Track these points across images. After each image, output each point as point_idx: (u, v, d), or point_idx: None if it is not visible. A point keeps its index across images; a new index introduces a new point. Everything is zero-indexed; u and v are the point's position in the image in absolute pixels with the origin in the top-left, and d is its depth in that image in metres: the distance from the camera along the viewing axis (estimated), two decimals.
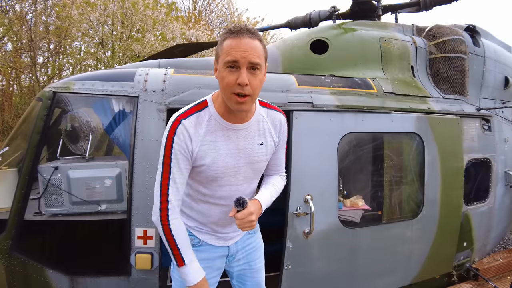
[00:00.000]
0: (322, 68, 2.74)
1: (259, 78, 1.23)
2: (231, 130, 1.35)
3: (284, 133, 1.52)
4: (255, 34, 1.22)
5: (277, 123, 1.48)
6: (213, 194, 1.41)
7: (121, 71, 2.44)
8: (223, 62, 1.20)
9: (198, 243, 1.49)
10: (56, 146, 2.31)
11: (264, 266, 1.69)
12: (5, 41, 9.39)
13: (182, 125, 1.28)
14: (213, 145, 1.33)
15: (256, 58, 1.19)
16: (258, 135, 1.41)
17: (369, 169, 2.64)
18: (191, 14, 15.14)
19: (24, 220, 2.09)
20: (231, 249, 1.56)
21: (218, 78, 1.26)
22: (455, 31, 3.00)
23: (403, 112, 2.57)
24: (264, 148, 1.43)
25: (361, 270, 2.46)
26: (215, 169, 1.34)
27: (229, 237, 1.54)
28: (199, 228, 1.50)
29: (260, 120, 1.42)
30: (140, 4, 10.05)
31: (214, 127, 1.33)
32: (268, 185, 1.54)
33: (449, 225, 2.74)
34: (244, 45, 1.18)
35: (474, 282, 2.93)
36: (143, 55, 9.94)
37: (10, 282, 2.08)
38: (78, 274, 2.13)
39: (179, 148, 1.29)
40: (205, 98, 1.37)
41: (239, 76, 1.18)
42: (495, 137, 3.14)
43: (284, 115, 1.52)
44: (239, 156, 1.37)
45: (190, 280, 1.34)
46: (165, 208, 1.31)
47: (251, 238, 1.63)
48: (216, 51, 1.28)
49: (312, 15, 3.67)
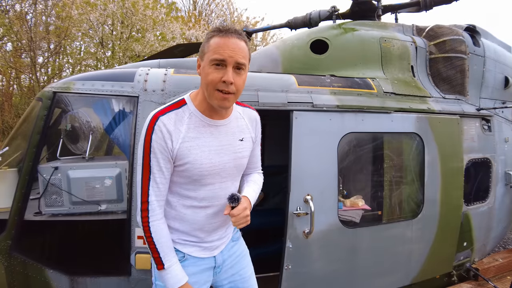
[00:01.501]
0: (322, 68, 2.74)
1: (243, 78, 1.26)
2: (212, 126, 1.33)
3: (259, 130, 1.54)
4: (242, 36, 1.24)
5: (253, 120, 1.51)
6: (197, 195, 1.35)
7: (121, 71, 2.44)
8: (210, 59, 1.21)
9: (182, 258, 1.40)
10: (56, 146, 2.31)
11: (254, 272, 1.63)
12: (5, 41, 9.39)
13: (161, 121, 1.24)
14: (196, 141, 1.29)
15: (242, 58, 1.22)
16: (238, 131, 1.42)
17: (369, 169, 2.64)
18: (191, 14, 15.15)
19: (24, 220, 2.09)
20: (218, 260, 1.48)
21: (202, 74, 1.26)
22: (455, 31, 3.00)
23: (403, 112, 2.57)
24: (245, 144, 1.44)
25: (361, 270, 2.46)
26: (199, 167, 1.29)
27: (214, 246, 1.46)
28: (182, 240, 1.40)
29: (238, 117, 1.44)
30: (140, 4, 10.05)
31: (195, 123, 1.30)
32: (250, 182, 1.55)
33: (449, 225, 2.74)
34: (232, 45, 1.20)
35: (474, 282, 2.93)
36: (143, 55, 9.95)
37: (10, 282, 2.08)
38: (78, 274, 2.12)
39: (158, 146, 1.24)
40: (183, 97, 1.35)
41: (225, 74, 1.20)
42: (495, 137, 3.14)
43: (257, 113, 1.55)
44: (223, 152, 1.35)
45: (171, 284, 1.29)
46: (145, 209, 1.27)
47: (235, 246, 1.57)
48: (201, 48, 1.28)
49: (312, 15, 3.67)
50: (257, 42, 15.20)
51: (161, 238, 1.29)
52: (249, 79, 2.43)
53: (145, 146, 1.25)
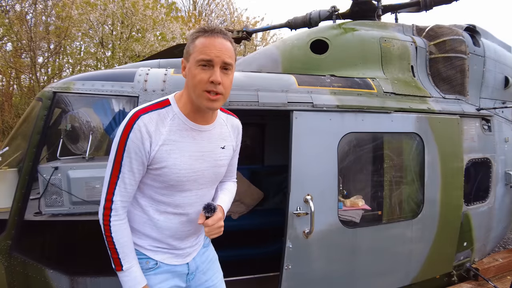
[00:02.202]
0: (322, 68, 2.74)
1: (230, 79, 1.24)
2: (195, 131, 1.28)
3: (240, 139, 1.51)
4: (228, 36, 1.23)
5: (236, 129, 1.48)
6: (172, 201, 1.30)
7: (121, 71, 2.44)
8: (196, 60, 1.18)
9: (155, 266, 1.34)
10: (56, 146, 2.31)
11: (223, 276, 1.61)
12: (5, 41, 9.40)
13: (141, 121, 1.18)
14: (176, 145, 1.24)
15: (229, 58, 1.19)
16: (221, 139, 1.38)
17: (369, 169, 2.64)
18: (191, 14, 15.15)
19: (24, 220, 2.09)
20: (191, 266, 1.45)
21: (188, 76, 1.23)
22: (455, 31, 3.00)
23: (403, 112, 2.57)
24: (226, 152, 1.40)
25: (361, 270, 2.46)
26: (177, 172, 1.24)
27: (186, 253, 1.43)
28: (154, 247, 1.35)
29: (222, 124, 1.40)
30: (140, 4, 10.06)
31: (178, 126, 1.25)
32: (225, 191, 1.52)
33: (449, 225, 2.74)
34: (218, 45, 1.18)
35: (474, 282, 2.93)
36: (143, 55, 9.95)
37: (10, 282, 2.07)
38: (78, 274, 2.13)
39: (133, 147, 1.18)
40: (167, 97, 1.31)
41: (212, 74, 1.17)
42: (495, 137, 3.14)
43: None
44: (203, 159, 1.31)
45: (129, 287, 1.24)
46: (108, 208, 1.22)
47: (206, 252, 1.56)
48: (186, 49, 1.24)
49: (312, 15, 3.67)
50: (257, 42, 15.20)
51: (121, 239, 1.24)
52: (249, 79, 2.45)
53: (120, 143, 1.19)
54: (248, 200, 4.04)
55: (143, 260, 1.33)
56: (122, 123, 1.21)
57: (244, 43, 12.23)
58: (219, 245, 1.82)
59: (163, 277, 1.36)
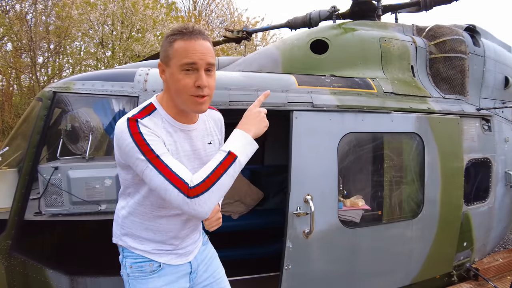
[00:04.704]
0: (322, 68, 2.74)
1: (214, 78, 1.23)
2: (184, 131, 1.30)
3: (223, 132, 1.53)
4: (205, 34, 1.21)
5: (218, 122, 1.50)
6: (170, 204, 1.26)
7: (121, 71, 2.44)
8: (179, 65, 1.15)
9: (158, 268, 1.36)
10: (56, 146, 2.31)
11: (224, 272, 1.64)
12: (5, 41, 9.40)
13: (141, 123, 1.15)
14: (174, 146, 1.25)
15: (211, 58, 1.18)
16: (207, 134, 1.40)
17: (369, 169, 2.64)
18: (191, 14, 15.14)
19: (24, 220, 2.09)
20: (193, 264, 1.48)
21: (170, 80, 1.19)
22: (455, 31, 3.00)
23: (403, 112, 2.57)
24: (213, 147, 1.42)
25: (361, 270, 2.46)
26: None
27: (189, 252, 1.45)
28: (157, 250, 1.36)
29: (205, 120, 1.42)
30: (140, 4, 10.06)
31: (169, 128, 1.25)
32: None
33: (449, 225, 2.74)
34: (199, 47, 1.16)
35: (474, 282, 2.93)
36: (143, 55, 9.95)
37: (10, 282, 2.07)
38: (78, 274, 2.13)
39: (152, 137, 1.13)
40: (150, 102, 1.27)
41: (198, 78, 1.15)
42: (495, 137, 3.14)
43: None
44: (194, 157, 1.33)
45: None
46: (186, 189, 1.08)
47: (206, 250, 1.59)
48: (165, 53, 1.21)
49: (312, 15, 3.67)
50: (257, 42, 15.18)
51: (222, 184, 1.13)
52: (249, 79, 2.45)
53: (139, 144, 1.11)
54: (248, 200, 4.04)
55: (146, 263, 1.35)
56: (120, 135, 1.15)
57: (244, 43, 12.22)
58: (219, 245, 1.82)
59: (167, 279, 1.37)
